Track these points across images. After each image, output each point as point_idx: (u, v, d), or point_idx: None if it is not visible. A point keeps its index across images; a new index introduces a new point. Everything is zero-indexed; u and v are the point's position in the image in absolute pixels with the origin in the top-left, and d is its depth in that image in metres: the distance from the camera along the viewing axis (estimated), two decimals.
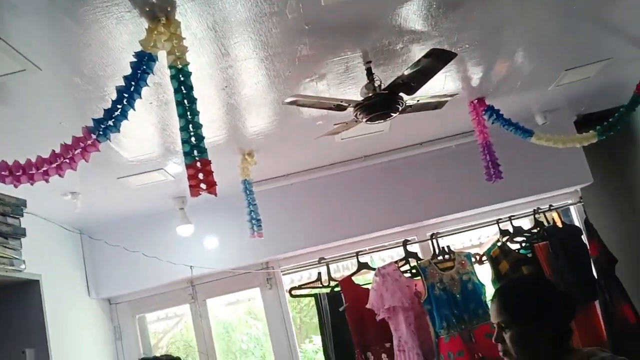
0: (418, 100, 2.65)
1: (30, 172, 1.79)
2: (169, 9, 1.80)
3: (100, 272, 4.04)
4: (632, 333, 3.49)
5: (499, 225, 3.92)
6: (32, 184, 1.84)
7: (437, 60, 2.30)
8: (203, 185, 1.80)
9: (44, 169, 1.80)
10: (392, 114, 2.55)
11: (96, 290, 4.03)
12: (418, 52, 2.49)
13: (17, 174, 1.79)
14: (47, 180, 1.84)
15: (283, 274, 4.29)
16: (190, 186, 1.79)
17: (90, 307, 4.02)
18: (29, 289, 2.55)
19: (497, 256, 3.71)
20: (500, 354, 1.82)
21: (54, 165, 1.80)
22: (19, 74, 1.96)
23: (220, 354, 4.56)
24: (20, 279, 2.46)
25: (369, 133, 3.44)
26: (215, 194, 1.81)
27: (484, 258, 3.83)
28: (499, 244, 3.78)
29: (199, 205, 3.91)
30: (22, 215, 2.51)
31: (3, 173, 1.78)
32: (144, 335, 4.38)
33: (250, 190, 3.33)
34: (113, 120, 1.81)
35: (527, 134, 3.36)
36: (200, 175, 1.80)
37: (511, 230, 3.87)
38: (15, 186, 1.83)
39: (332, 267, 4.04)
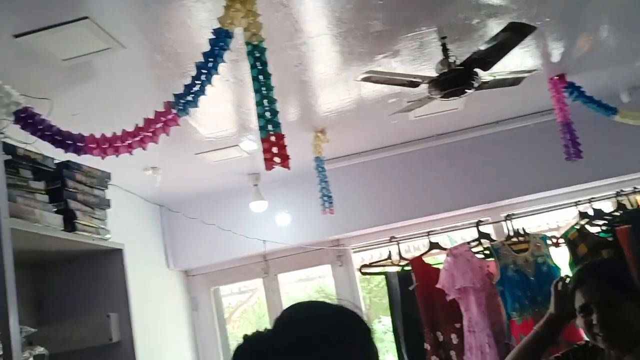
0: (494, 77, 2.59)
1: (116, 144, 1.89)
2: None
3: (178, 244, 4.21)
4: None
5: (578, 208, 3.78)
6: (117, 156, 1.94)
7: (515, 34, 2.23)
8: (277, 159, 1.84)
9: (128, 142, 1.90)
10: (467, 90, 2.50)
11: (174, 261, 4.21)
12: (495, 26, 2.42)
13: (104, 146, 1.89)
14: (130, 153, 1.93)
15: (354, 252, 4.32)
16: (265, 160, 1.83)
17: (169, 277, 4.21)
18: (112, 258, 2.68)
19: (575, 239, 3.58)
20: (598, 335, 1.80)
21: (138, 138, 1.89)
22: (104, 52, 2.06)
23: None
24: (105, 247, 2.59)
25: (443, 111, 3.39)
26: (289, 168, 1.85)
27: (561, 241, 3.70)
28: (577, 226, 3.65)
29: (272, 182, 3.99)
30: (107, 188, 2.63)
31: (91, 145, 1.89)
32: (218, 307, 4.54)
33: (322, 167, 3.36)
34: (192, 95, 1.87)
35: (610, 111, 3.21)
36: (274, 149, 1.84)
37: (591, 212, 3.72)
38: (102, 158, 1.93)
39: (402, 246, 4.03)
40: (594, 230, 3.64)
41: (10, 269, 1.92)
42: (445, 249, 3.76)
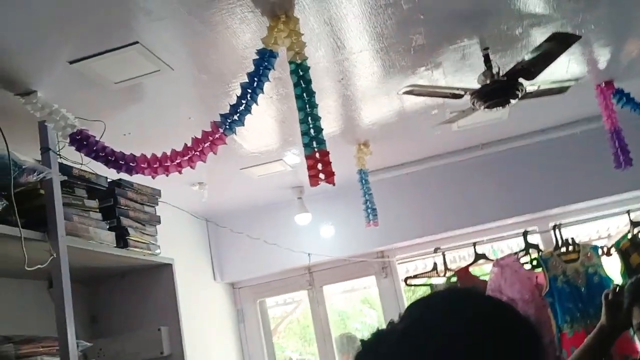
0: (539, 87, 2.56)
1: (166, 164, 1.95)
2: (288, 7, 1.87)
3: (224, 258, 4.28)
4: None
5: (629, 216, 3.68)
6: (167, 175, 2.00)
7: (559, 44, 2.21)
8: (322, 175, 1.86)
9: (178, 161, 1.95)
10: (510, 101, 2.48)
11: (221, 275, 4.28)
12: (538, 36, 2.39)
13: (155, 166, 1.95)
14: (180, 172, 1.99)
15: (398, 263, 4.31)
16: (310, 176, 1.86)
17: (216, 290, 4.28)
18: (163, 272, 2.75)
19: (627, 249, 3.49)
20: None
21: (186, 158, 1.95)
22: (154, 74, 2.13)
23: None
24: (155, 262, 2.67)
25: (487, 121, 3.35)
26: (334, 184, 1.87)
27: (612, 250, 3.61)
28: (629, 235, 3.55)
29: (316, 195, 4.02)
30: (157, 204, 2.71)
31: (142, 165, 1.95)
32: (264, 319, 4.58)
33: (366, 179, 3.37)
34: (238, 114, 1.92)
35: None
36: (319, 166, 1.86)
37: None
38: (153, 177, 1.99)
39: (448, 257, 4.01)
40: None
41: (68, 286, 2.01)
42: (491, 260, 3.71)
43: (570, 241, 3.61)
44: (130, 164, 1.97)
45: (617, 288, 2.01)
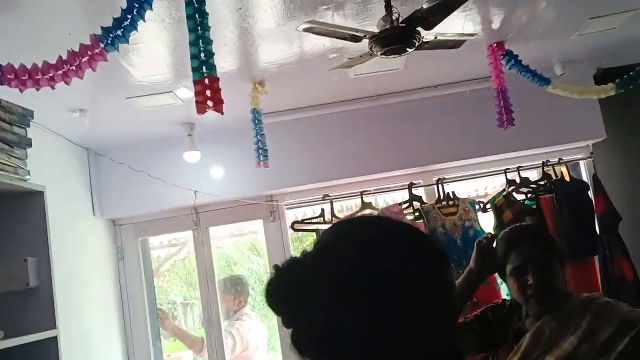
0: (436, 37, 2.58)
1: (37, 77, 1.78)
2: None
3: (106, 192, 4.06)
4: (628, 289, 3.51)
5: (506, 175, 3.90)
6: (37, 89, 1.83)
7: None
8: (210, 103, 1.77)
9: (50, 74, 1.78)
10: (407, 49, 2.48)
11: (101, 210, 4.07)
12: None
13: (23, 78, 1.77)
14: (52, 87, 1.82)
15: (287, 208, 4.31)
16: (197, 102, 1.77)
17: (94, 225, 4.07)
18: (32, 200, 2.55)
19: (502, 205, 3.70)
20: (532, 297, 1.88)
21: (61, 72, 1.78)
22: None
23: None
24: (24, 188, 2.46)
25: (384, 71, 3.37)
26: (222, 112, 1.79)
27: (488, 206, 3.82)
28: (504, 193, 3.77)
29: (208, 134, 3.90)
30: (29, 126, 2.48)
31: (9, 76, 1.77)
32: (146, 258, 4.45)
33: (259, 119, 3.30)
34: (122, 30, 1.78)
35: (544, 81, 3.29)
36: (208, 92, 1.77)
37: (518, 180, 3.85)
38: (21, 90, 1.81)
39: (336, 205, 4.05)
40: (520, 197, 3.77)
41: None
42: (377, 209, 3.80)
43: (451, 195, 3.77)
44: None
45: (490, 235, 2.12)
